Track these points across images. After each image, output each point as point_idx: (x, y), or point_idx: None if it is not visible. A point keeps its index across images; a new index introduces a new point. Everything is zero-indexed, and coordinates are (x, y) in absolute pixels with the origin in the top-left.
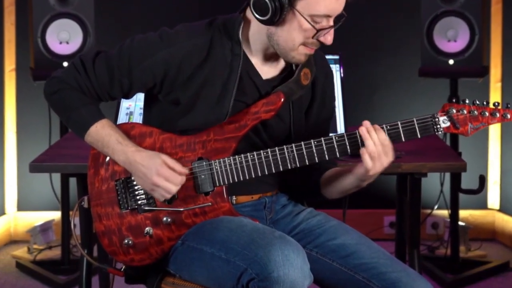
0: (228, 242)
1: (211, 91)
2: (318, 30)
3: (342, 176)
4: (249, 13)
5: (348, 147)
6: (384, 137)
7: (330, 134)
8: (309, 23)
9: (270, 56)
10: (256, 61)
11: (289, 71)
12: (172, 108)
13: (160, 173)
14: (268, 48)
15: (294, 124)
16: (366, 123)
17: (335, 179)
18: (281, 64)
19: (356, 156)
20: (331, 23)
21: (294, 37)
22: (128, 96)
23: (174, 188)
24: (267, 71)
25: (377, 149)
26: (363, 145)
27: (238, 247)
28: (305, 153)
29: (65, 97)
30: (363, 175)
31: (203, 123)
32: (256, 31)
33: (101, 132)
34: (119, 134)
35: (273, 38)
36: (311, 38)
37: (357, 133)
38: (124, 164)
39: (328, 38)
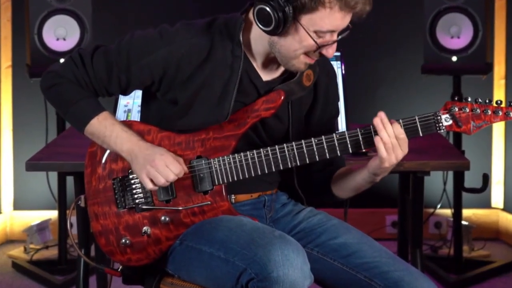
0: (227, 242)
1: (211, 92)
2: (319, 46)
3: (354, 172)
4: (251, 16)
5: (349, 145)
6: (399, 130)
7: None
8: (312, 39)
9: (272, 59)
10: (256, 63)
11: (290, 72)
12: (171, 107)
13: (164, 157)
14: (269, 53)
15: (293, 125)
16: (381, 114)
17: (347, 176)
18: (282, 66)
19: (357, 154)
20: (335, 37)
21: (296, 48)
22: (126, 92)
23: (171, 175)
24: (268, 72)
25: (391, 141)
26: (371, 138)
27: (237, 246)
28: (305, 151)
29: (63, 90)
30: (377, 168)
31: (202, 123)
32: (258, 36)
33: (103, 123)
34: (123, 124)
35: (275, 47)
36: (312, 52)
37: (358, 131)
38: (128, 151)
39: (329, 51)
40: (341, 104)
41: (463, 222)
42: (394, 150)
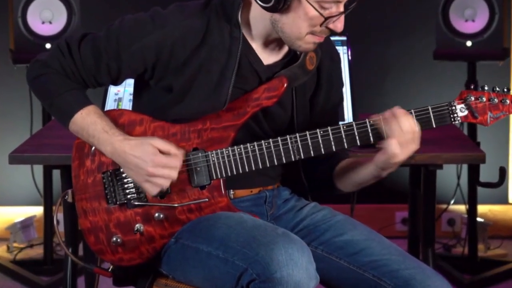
0: (226, 240)
1: (208, 77)
2: (326, 18)
3: (359, 166)
4: None
5: (357, 137)
6: (414, 123)
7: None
8: (317, 10)
9: (272, 41)
10: (256, 45)
11: (292, 56)
12: (165, 95)
13: (156, 162)
14: (271, 34)
15: (298, 113)
16: (396, 108)
17: (351, 169)
18: (284, 48)
19: (366, 146)
20: (341, 9)
21: (300, 25)
22: (116, 82)
23: (174, 173)
24: (269, 56)
25: (405, 136)
26: (374, 135)
27: (237, 245)
28: (310, 143)
29: (48, 82)
30: (386, 163)
31: (199, 111)
32: (258, 15)
33: (86, 120)
34: (106, 122)
35: (278, 25)
36: (319, 26)
37: (367, 121)
38: (112, 156)
39: (338, 25)
40: (348, 93)
41: (478, 219)
42: (407, 145)
